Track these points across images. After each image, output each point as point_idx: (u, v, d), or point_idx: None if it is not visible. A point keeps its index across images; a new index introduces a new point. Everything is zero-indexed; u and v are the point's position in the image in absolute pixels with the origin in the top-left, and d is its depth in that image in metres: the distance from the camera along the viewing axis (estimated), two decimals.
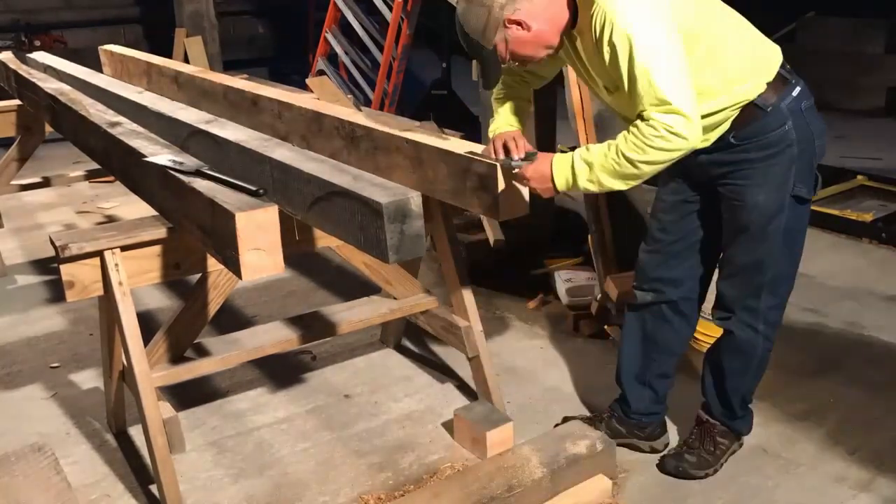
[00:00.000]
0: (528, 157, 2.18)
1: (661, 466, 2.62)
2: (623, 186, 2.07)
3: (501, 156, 2.20)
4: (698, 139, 2.01)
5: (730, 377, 2.54)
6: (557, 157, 2.11)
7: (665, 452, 2.67)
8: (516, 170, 2.14)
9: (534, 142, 4.09)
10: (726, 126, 2.23)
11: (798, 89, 2.26)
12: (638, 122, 2.00)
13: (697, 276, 2.55)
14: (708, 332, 3.29)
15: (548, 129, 4.18)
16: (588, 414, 2.89)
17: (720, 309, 2.50)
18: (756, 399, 2.99)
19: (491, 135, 2.36)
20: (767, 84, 2.20)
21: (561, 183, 2.09)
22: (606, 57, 2.03)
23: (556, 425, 2.78)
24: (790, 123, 2.23)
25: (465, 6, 2.11)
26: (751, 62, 2.21)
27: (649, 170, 2.02)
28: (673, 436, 2.77)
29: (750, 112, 2.21)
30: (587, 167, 2.05)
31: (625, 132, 2.02)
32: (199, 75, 3.40)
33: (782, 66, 2.26)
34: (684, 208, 2.47)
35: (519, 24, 2.08)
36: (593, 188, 2.08)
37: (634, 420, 2.70)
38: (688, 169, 2.37)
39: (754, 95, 2.19)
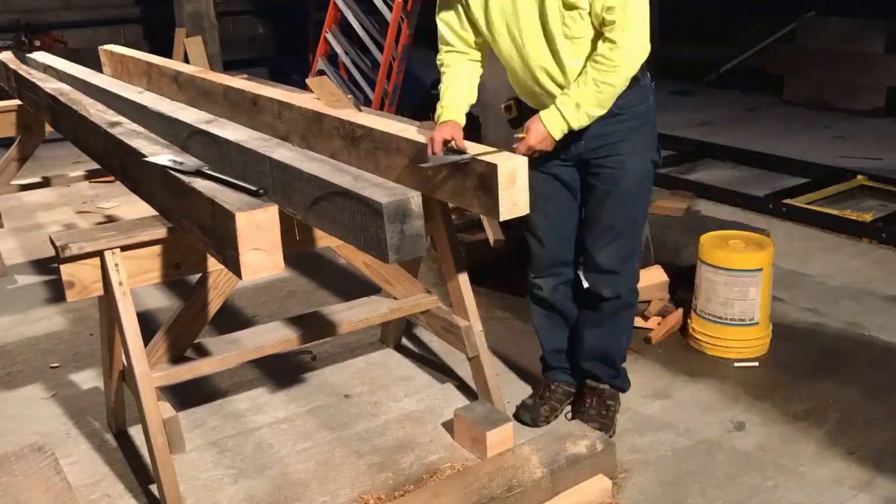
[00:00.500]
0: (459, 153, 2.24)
1: None
2: (604, 110, 2.34)
3: (439, 152, 2.25)
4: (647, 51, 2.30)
5: (615, 338, 2.77)
6: (544, 113, 2.34)
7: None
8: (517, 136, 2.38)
9: None
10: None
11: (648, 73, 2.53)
12: (603, 48, 2.26)
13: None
14: (707, 332, 3.30)
15: None
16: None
17: (607, 274, 2.65)
18: (756, 399, 3.00)
19: (438, 115, 2.45)
20: None
21: (557, 132, 2.34)
22: None
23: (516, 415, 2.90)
24: (652, 98, 2.54)
25: None
26: None
27: (624, 83, 2.31)
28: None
29: (631, 83, 2.41)
30: (575, 109, 2.30)
31: (592, 63, 2.28)
32: (199, 75, 3.40)
33: None
34: (560, 193, 2.63)
35: None
36: (585, 123, 2.34)
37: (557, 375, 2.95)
38: (562, 151, 2.52)
39: None
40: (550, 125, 2.32)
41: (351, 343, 3.50)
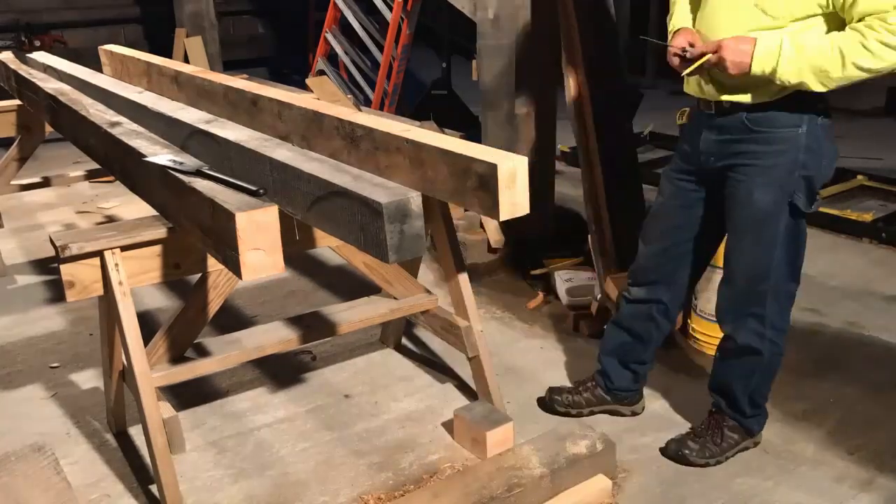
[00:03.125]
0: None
1: (664, 450, 2.67)
2: (820, 88, 2.07)
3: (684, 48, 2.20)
4: None
5: (737, 380, 2.58)
6: (763, 39, 2.05)
7: (671, 437, 2.71)
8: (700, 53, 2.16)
9: (533, 141, 4.10)
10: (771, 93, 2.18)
11: (825, 109, 2.26)
12: (873, 23, 1.91)
13: (689, 278, 2.63)
14: (707, 332, 3.29)
15: (548, 129, 4.19)
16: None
17: (725, 313, 2.52)
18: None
19: (671, 29, 2.37)
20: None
21: (758, 65, 2.05)
22: None
23: (540, 399, 2.94)
24: (804, 128, 2.22)
25: None
26: None
27: (865, 76, 2.00)
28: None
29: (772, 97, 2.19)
30: (796, 54, 2.01)
31: (852, 33, 1.93)
32: (199, 75, 3.40)
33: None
34: (686, 213, 2.51)
35: None
36: (789, 80, 2.05)
37: (616, 394, 2.87)
38: (697, 156, 2.38)
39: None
40: (761, 53, 2.04)
41: (351, 343, 3.50)
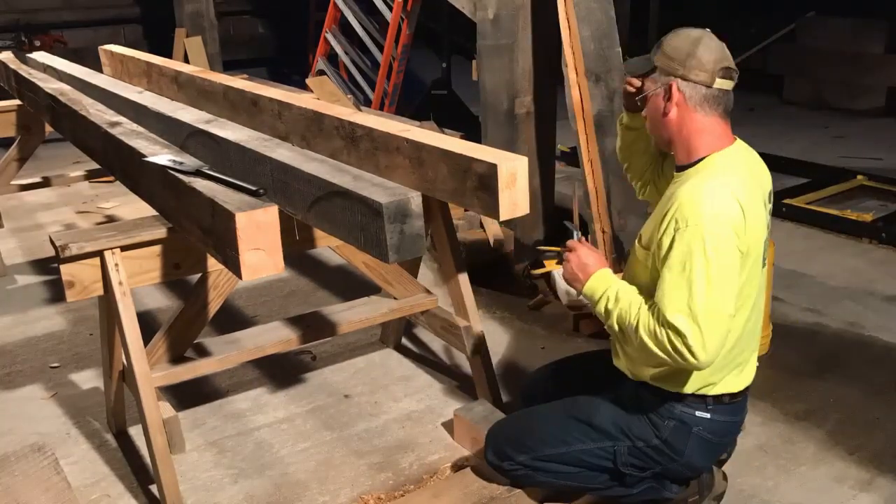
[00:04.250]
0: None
1: None
2: (620, 336, 2.04)
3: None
4: (707, 363, 1.87)
5: None
6: (603, 271, 2.07)
7: None
8: (570, 241, 2.17)
9: (533, 141, 4.10)
10: None
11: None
12: (664, 322, 1.86)
13: None
14: None
15: (548, 129, 4.18)
16: None
17: None
18: (756, 399, 2.99)
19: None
20: None
21: (588, 289, 2.06)
22: (661, 230, 1.92)
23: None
24: (680, 448, 2.13)
25: (692, 37, 1.99)
26: None
27: (643, 355, 1.97)
28: None
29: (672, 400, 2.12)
30: (609, 302, 2.01)
31: (651, 319, 1.89)
32: (199, 75, 3.40)
33: None
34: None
35: (671, 97, 2.02)
36: (603, 319, 2.04)
37: None
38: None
39: None
40: (595, 280, 2.06)
41: (351, 343, 3.50)
